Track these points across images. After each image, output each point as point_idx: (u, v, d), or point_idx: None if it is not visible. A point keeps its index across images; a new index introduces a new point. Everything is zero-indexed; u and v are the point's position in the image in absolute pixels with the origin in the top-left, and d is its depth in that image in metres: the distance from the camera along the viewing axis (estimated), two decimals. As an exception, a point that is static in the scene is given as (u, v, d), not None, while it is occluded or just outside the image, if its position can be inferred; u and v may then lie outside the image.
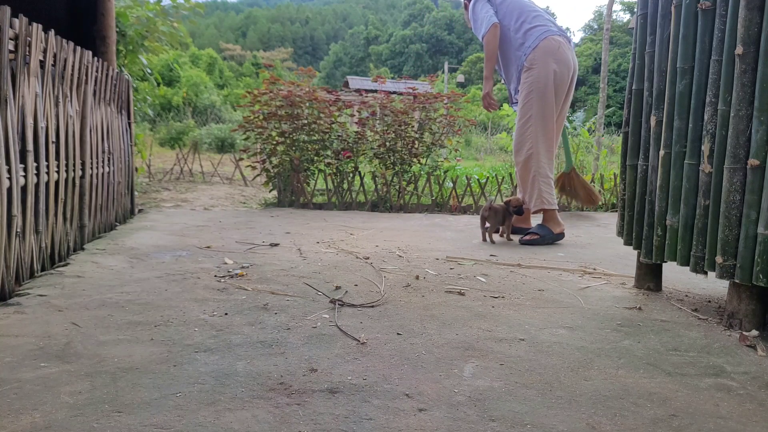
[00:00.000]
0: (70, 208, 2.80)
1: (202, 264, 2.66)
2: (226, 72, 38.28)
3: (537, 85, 3.55)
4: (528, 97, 3.58)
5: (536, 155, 3.59)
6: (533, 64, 3.55)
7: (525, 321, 1.93)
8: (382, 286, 2.33)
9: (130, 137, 4.06)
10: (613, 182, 5.78)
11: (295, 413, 1.24)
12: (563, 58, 3.56)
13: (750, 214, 1.75)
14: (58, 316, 1.84)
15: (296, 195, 5.25)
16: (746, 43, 1.74)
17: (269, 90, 5.33)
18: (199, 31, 66.33)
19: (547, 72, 3.53)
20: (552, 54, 3.54)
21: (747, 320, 1.85)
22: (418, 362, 1.54)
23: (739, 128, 1.78)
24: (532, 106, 3.57)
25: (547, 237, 3.54)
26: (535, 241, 3.51)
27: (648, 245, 2.23)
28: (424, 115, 5.73)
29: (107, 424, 1.17)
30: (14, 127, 2.10)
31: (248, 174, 7.54)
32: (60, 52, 2.61)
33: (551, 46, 3.55)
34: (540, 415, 1.26)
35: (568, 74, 3.61)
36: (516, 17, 3.65)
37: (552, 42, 3.55)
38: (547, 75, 3.54)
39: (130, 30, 5.16)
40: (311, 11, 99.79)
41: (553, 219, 3.60)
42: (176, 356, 1.53)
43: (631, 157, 2.32)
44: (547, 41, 3.54)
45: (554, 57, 3.54)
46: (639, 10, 2.26)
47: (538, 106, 3.56)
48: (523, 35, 3.60)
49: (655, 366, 1.56)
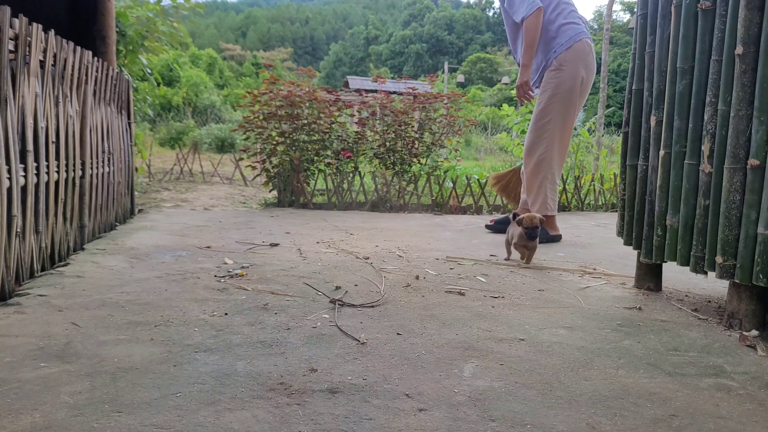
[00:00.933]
0: (70, 208, 2.80)
1: (202, 264, 2.66)
2: (226, 72, 38.29)
3: (563, 89, 3.42)
4: (551, 99, 3.45)
5: (549, 160, 3.50)
6: (563, 65, 3.40)
7: (525, 321, 1.93)
8: (382, 286, 2.33)
9: (130, 137, 4.06)
10: (613, 182, 5.78)
11: (295, 413, 1.24)
12: (590, 65, 3.46)
13: (750, 214, 1.75)
14: (58, 316, 1.84)
15: (296, 195, 5.25)
16: (746, 43, 1.74)
17: (269, 90, 5.33)
18: (199, 31, 66.31)
19: (575, 77, 3.41)
20: (583, 59, 3.41)
21: (747, 320, 1.85)
22: (418, 362, 1.54)
23: (739, 128, 1.78)
24: (554, 109, 3.45)
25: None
26: None
27: (648, 245, 2.23)
28: (424, 115, 5.73)
29: (107, 424, 1.17)
30: (14, 127, 2.10)
31: (248, 174, 7.54)
32: (60, 52, 2.61)
33: (584, 50, 3.42)
34: (540, 415, 1.26)
35: (591, 81, 3.50)
36: (553, 7, 3.47)
37: (585, 46, 3.42)
38: (574, 80, 3.41)
39: (130, 30, 5.16)
40: (311, 11, 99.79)
41: (551, 224, 3.61)
42: (176, 356, 1.53)
43: (631, 157, 2.32)
44: (581, 44, 3.40)
45: (584, 62, 3.42)
46: (639, 10, 2.26)
47: (561, 110, 3.44)
48: (556, 29, 3.42)
49: (655, 366, 1.56)
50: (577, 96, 3.47)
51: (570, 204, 5.63)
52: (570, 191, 5.61)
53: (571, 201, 5.65)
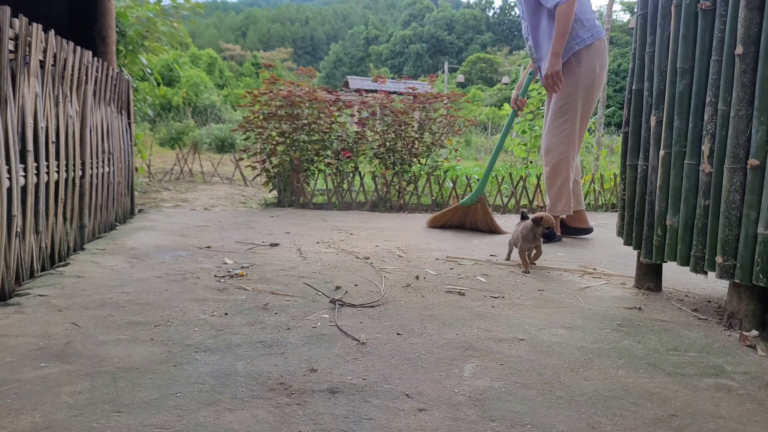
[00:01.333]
0: (70, 208, 2.80)
1: (202, 264, 2.66)
2: (226, 72, 38.28)
3: (583, 85, 3.37)
4: (571, 96, 3.38)
5: (568, 159, 3.45)
6: (582, 61, 3.35)
7: (525, 321, 1.93)
8: (382, 286, 2.33)
9: (130, 137, 4.06)
10: (613, 182, 5.78)
11: (295, 413, 1.24)
12: (605, 63, 3.45)
13: (750, 214, 1.75)
14: (58, 316, 1.84)
15: (296, 195, 5.25)
16: (746, 43, 1.74)
17: (269, 90, 5.33)
18: (199, 31, 66.32)
19: (594, 73, 3.37)
20: (599, 56, 3.38)
21: (747, 320, 1.85)
22: (418, 362, 1.54)
23: (739, 128, 1.78)
24: (575, 106, 3.38)
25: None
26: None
27: (648, 245, 2.23)
28: (424, 115, 5.73)
29: (107, 424, 1.17)
30: (14, 127, 2.10)
31: (248, 174, 7.54)
32: (60, 52, 2.61)
33: (602, 47, 3.39)
34: (540, 415, 1.26)
35: (604, 80, 3.47)
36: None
37: (603, 44, 3.40)
38: (594, 76, 3.37)
39: (130, 30, 5.16)
40: (311, 11, 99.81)
41: (581, 218, 3.73)
42: (176, 356, 1.53)
43: (631, 157, 2.32)
44: (600, 42, 3.37)
45: (600, 60, 3.39)
46: (639, 10, 2.26)
47: (580, 107, 3.39)
48: (579, 24, 3.33)
49: (655, 366, 1.56)
50: (595, 93, 3.42)
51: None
52: (570, 191, 5.60)
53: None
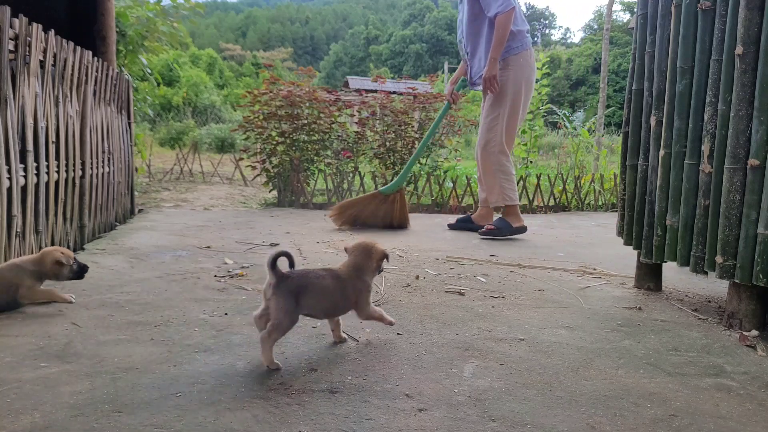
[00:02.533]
0: (70, 208, 2.80)
1: (202, 264, 2.66)
2: (226, 72, 38.23)
3: (511, 85, 3.66)
4: (500, 95, 3.68)
5: (501, 153, 3.72)
6: (509, 65, 3.65)
7: (525, 321, 1.93)
8: (382, 286, 2.33)
9: (130, 137, 4.06)
10: (613, 182, 5.78)
11: (295, 413, 1.24)
12: (534, 69, 3.79)
13: (750, 214, 1.75)
14: (58, 316, 1.84)
15: (296, 195, 5.25)
16: (746, 43, 1.74)
17: (269, 90, 5.33)
18: (199, 31, 66.30)
19: (522, 75, 3.67)
20: (528, 62, 3.71)
21: (747, 320, 1.85)
22: (418, 362, 1.54)
23: (739, 128, 1.78)
24: (504, 104, 3.68)
25: (504, 230, 3.69)
26: (492, 233, 3.68)
27: (648, 245, 2.23)
28: (424, 115, 5.73)
29: (107, 424, 1.17)
30: (14, 127, 2.10)
31: (248, 174, 7.53)
32: (60, 52, 2.61)
33: (530, 56, 3.73)
34: (540, 415, 1.26)
35: (533, 84, 3.83)
36: None
37: (531, 53, 3.74)
38: (521, 77, 3.67)
39: (130, 30, 5.16)
40: (311, 11, 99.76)
41: (514, 214, 3.77)
42: (176, 356, 1.53)
43: (631, 157, 2.32)
44: (528, 53, 3.71)
45: (530, 65, 3.73)
46: (639, 10, 2.26)
47: (510, 105, 3.68)
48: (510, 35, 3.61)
49: (655, 366, 1.56)
50: (522, 93, 3.70)
51: (570, 204, 5.63)
52: (570, 191, 5.61)
53: (571, 201, 5.65)
